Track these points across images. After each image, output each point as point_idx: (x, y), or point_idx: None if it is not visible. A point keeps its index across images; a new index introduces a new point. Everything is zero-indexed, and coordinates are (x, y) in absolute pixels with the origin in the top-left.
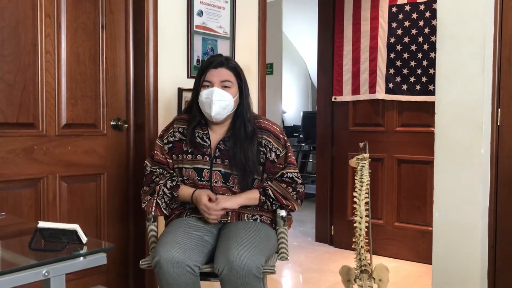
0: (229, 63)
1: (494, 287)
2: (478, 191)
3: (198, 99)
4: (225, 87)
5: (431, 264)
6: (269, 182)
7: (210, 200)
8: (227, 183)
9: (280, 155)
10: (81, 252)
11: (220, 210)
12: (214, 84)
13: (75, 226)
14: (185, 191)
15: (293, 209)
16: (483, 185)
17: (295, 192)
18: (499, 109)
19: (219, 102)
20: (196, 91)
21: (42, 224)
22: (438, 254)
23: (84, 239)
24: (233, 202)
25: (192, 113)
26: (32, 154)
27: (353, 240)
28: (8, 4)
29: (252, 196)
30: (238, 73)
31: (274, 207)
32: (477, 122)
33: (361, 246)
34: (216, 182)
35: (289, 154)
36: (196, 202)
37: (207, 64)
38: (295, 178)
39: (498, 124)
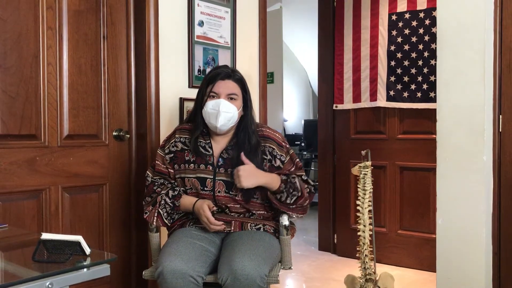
0: (235, 75)
1: None
2: (481, 198)
3: (203, 110)
4: (231, 99)
5: (434, 271)
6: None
7: (213, 213)
8: (230, 192)
9: (285, 162)
10: (85, 263)
11: (220, 225)
12: (221, 95)
13: (79, 238)
14: (187, 200)
15: (302, 213)
16: (486, 191)
17: (308, 190)
18: (500, 116)
19: (225, 113)
20: (200, 101)
21: (45, 235)
22: (442, 262)
23: (87, 250)
24: (253, 181)
25: (195, 122)
26: (34, 165)
27: (357, 248)
28: (10, 16)
29: (273, 180)
30: (243, 85)
31: (288, 200)
32: (478, 129)
33: (366, 255)
34: (219, 191)
35: (296, 160)
36: (197, 212)
37: (214, 75)
38: (309, 180)
39: (500, 130)
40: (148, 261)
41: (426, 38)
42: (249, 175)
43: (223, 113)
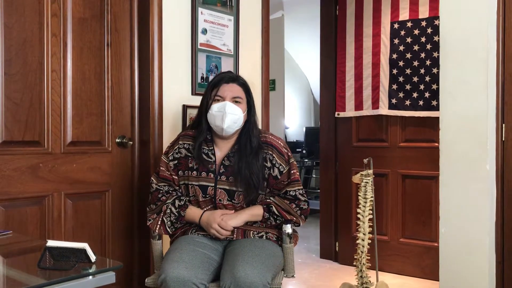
0: (239, 79)
1: None
2: (485, 207)
3: (208, 113)
4: (236, 102)
5: (436, 280)
6: (271, 198)
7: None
8: (233, 200)
9: (283, 172)
10: (90, 271)
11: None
12: (226, 98)
13: (84, 245)
14: (194, 211)
15: (298, 223)
16: (489, 200)
17: (298, 208)
18: (503, 124)
19: (231, 115)
20: (205, 106)
21: (51, 243)
22: (444, 270)
23: (93, 258)
24: (238, 219)
25: (199, 128)
26: (37, 171)
27: (355, 256)
28: (15, 23)
29: (256, 213)
30: (247, 89)
31: (278, 222)
32: (481, 137)
33: (363, 263)
34: (220, 200)
35: (292, 171)
36: (207, 223)
37: (219, 79)
38: (298, 196)
39: (503, 139)
40: (151, 268)
41: (428, 46)
42: (231, 216)
43: (229, 114)
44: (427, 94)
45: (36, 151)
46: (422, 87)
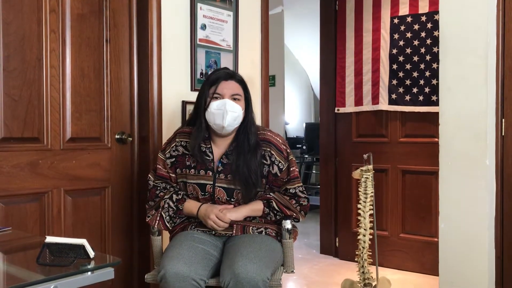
0: (237, 76)
1: None
2: (484, 202)
3: (206, 112)
4: (235, 99)
5: (437, 275)
6: (271, 193)
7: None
8: (231, 199)
9: (283, 169)
10: (89, 267)
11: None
12: (225, 96)
13: (83, 241)
14: (191, 204)
15: (298, 218)
16: (489, 195)
17: (298, 205)
18: (503, 120)
19: (232, 113)
20: (203, 104)
21: (49, 239)
22: (444, 266)
23: (91, 254)
24: (238, 213)
25: (197, 126)
26: (37, 168)
27: (356, 252)
28: (14, 19)
29: (256, 208)
30: (245, 86)
31: (278, 218)
32: (481, 133)
33: (364, 259)
34: (219, 198)
35: (292, 168)
36: (205, 214)
37: (217, 77)
38: (298, 193)
39: (502, 134)
40: (150, 264)
41: (428, 41)
42: (231, 210)
43: (230, 112)
44: (427, 89)
45: (35, 147)
46: (422, 82)
